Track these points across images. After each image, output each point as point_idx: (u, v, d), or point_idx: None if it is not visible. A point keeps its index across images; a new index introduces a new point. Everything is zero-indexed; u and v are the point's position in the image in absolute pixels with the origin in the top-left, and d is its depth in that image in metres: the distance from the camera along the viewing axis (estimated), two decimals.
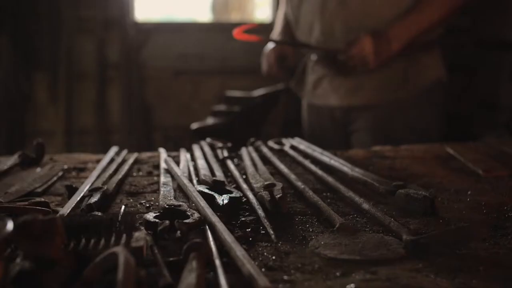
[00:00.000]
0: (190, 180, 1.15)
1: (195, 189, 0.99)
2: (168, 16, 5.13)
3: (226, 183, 1.06)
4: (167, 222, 0.79)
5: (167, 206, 0.86)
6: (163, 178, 1.11)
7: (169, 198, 0.93)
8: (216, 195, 0.97)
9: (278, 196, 0.95)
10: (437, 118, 1.99)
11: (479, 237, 0.81)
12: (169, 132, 4.83)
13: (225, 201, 0.94)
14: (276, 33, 2.19)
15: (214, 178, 1.06)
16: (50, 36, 4.55)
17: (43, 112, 4.65)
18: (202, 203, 0.91)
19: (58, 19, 4.55)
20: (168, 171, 1.18)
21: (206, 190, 0.99)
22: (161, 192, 0.99)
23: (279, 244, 0.81)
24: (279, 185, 1.01)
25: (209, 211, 0.87)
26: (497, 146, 1.49)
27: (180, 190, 1.06)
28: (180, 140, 4.00)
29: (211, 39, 4.78)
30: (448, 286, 0.66)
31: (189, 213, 0.84)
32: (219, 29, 4.91)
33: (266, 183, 1.03)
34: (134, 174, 1.28)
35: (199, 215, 0.84)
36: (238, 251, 0.71)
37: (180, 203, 0.89)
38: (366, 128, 1.93)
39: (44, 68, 4.59)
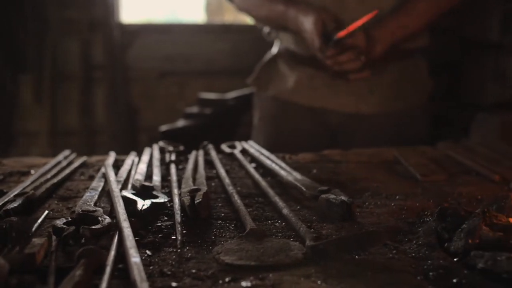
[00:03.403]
0: (125, 184, 1.16)
1: (119, 194, 1.01)
2: (166, 17, 5.14)
3: (155, 188, 1.08)
4: (72, 228, 0.80)
5: (81, 212, 0.88)
6: (94, 183, 1.12)
7: (87, 203, 0.95)
8: (139, 200, 0.98)
9: (197, 201, 0.97)
10: (429, 125, 1.96)
11: (380, 243, 0.82)
12: (155, 133, 4.84)
13: (145, 207, 0.95)
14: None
15: (142, 183, 1.08)
16: (35, 37, 4.57)
17: (28, 113, 4.67)
18: (120, 208, 0.92)
19: (43, 20, 4.57)
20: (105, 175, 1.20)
21: (130, 195, 1.00)
22: (83, 197, 1.00)
23: (185, 250, 0.82)
24: (202, 190, 1.02)
25: (122, 217, 0.88)
26: (444, 150, 1.50)
27: (108, 195, 1.08)
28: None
29: (198, 41, 4.79)
30: None
31: (100, 219, 0.86)
32: (205, 31, 4.93)
33: (191, 188, 1.04)
34: (76, 178, 1.29)
35: (110, 221, 0.86)
36: (132, 257, 0.72)
37: (96, 208, 0.91)
38: (369, 137, 1.81)
39: (29, 69, 4.60)
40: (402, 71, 1.85)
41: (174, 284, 0.70)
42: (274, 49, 1.98)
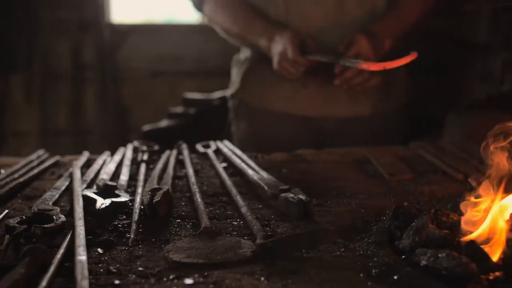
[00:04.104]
0: (92, 183, 1.17)
1: (80, 193, 1.01)
2: (164, 17, 5.14)
3: (118, 187, 1.08)
4: (23, 226, 0.81)
5: (36, 210, 0.89)
6: (58, 182, 1.13)
7: (46, 202, 0.95)
8: (99, 199, 0.99)
9: (156, 200, 0.97)
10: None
11: (330, 241, 0.83)
12: None
13: (103, 206, 0.96)
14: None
15: (105, 182, 1.08)
16: (26, 37, 4.57)
17: (19, 113, 4.67)
18: (78, 207, 0.93)
19: (34, 20, 4.57)
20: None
21: (91, 194, 1.01)
22: (43, 195, 1.01)
23: (137, 248, 0.83)
24: (163, 189, 1.03)
25: (78, 215, 0.89)
26: (416, 150, 1.51)
27: (71, 194, 1.08)
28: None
29: (189, 41, 4.79)
30: None
31: (55, 217, 0.87)
32: (196, 31, 4.93)
33: (153, 187, 1.05)
34: (46, 177, 1.29)
35: (64, 220, 0.86)
36: (78, 255, 0.73)
37: (53, 207, 0.91)
38: (363, 139, 1.74)
39: (19, 69, 4.61)
40: (388, 72, 1.84)
41: (117, 281, 0.71)
42: (243, 55, 1.89)
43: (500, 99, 2.06)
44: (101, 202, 0.97)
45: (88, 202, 0.99)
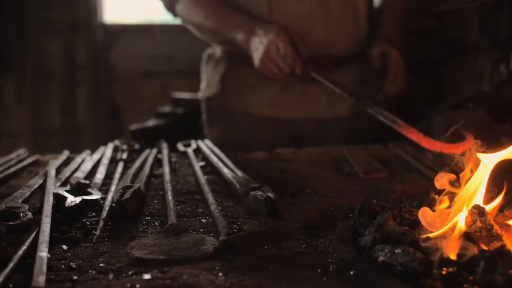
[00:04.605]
0: (66, 182, 1.17)
1: (52, 191, 1.02)
2: (161, 18, 5.13)
3: (91, 185, 1.09)
4: None
5: (4, 208, 0.89)
6: (32, 180, 1.14)
7: (15, 200, 0.96)
8: (69, 197, 1.00)
9: (125, 198, 0.98)
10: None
11: (292, 237, 0.84)
12: None
13: (72, 203, 0.97)
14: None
15: (79, 180, 1.09)
16: (17, 38, 4.57)
17: (10, 113, 4.67)
18: (47, 204, 0.94)
19: (25, 20, 4.57)
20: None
21: (62, 192, 1.02)
22: (14, 193, 1.01)
23: (102, 245, 0.84)
24: (134, 187, 1.03)
25: (45, 213, 0.89)
26: (394, 149, 1.52)
27: (44, 192, 1.09)
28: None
29: (180, 41, 4.79)
30: (223, 284, 0.70)
31: (22, 215, 0.87)
32: (187, 31, 4.93)
33: (124, 185, 1.06)
34: (24, 176, 1.30)
35: (31, 217, 0.87)
36: (40, 252, 0.74)
37: (22, 205, 0.92)
38: (341, 140, 1.71)
39: (11, 69, 4.60)
40: (363, 73, 1.84)
41: (75, 277, 0.71)
42: (216, 53, 1.83)
43: (483, 98, 2.07)
44: (71, 200, 0.98)
45: (60, 200, 1.00)
